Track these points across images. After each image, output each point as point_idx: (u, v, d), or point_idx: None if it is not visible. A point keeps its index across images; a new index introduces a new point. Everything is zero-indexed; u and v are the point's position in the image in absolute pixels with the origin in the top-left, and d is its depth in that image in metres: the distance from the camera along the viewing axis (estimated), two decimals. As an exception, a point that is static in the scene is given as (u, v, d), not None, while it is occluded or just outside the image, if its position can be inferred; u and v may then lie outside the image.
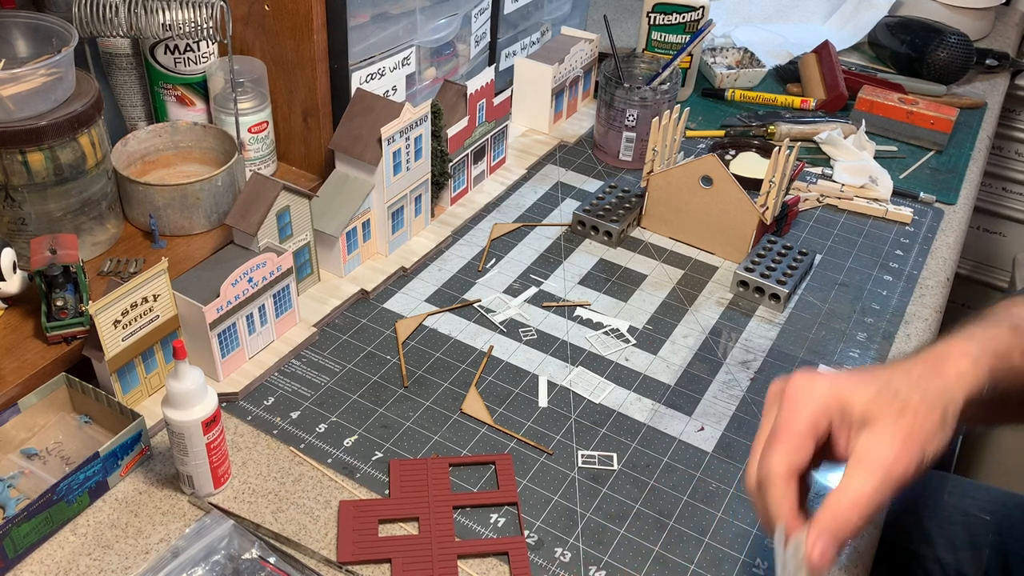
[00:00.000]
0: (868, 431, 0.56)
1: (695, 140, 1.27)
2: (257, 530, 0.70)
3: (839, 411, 0.57)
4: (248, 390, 0.82)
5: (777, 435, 0.57)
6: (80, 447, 0.75)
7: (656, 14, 1.30)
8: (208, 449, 0.69)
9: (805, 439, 0.56)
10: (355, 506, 0.72)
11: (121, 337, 0.74)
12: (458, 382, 0.85)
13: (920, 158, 1.26)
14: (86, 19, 0.87)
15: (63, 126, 0.81)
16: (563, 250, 1.04)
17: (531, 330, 0.92)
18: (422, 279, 0.98)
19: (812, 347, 0.92)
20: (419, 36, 1.09)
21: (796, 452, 0.56)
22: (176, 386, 0.67)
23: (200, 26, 0.89)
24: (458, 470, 0.76)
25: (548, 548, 0.71)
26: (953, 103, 1.37)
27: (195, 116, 1.02)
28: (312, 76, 0.98)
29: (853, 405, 0.57)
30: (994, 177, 1.89)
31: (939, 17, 1.53)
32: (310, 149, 1.05)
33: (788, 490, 0.56)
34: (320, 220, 0.91)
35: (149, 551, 0.69)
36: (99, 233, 0.90)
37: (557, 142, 1.23)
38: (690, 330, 0.93)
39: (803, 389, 0.57)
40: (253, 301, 0.81)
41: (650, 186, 1.05)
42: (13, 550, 0.66)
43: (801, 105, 1.34)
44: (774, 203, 0.99)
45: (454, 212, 1.07)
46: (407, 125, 0.92)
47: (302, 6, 0.94)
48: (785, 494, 0.56)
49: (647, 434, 0.81)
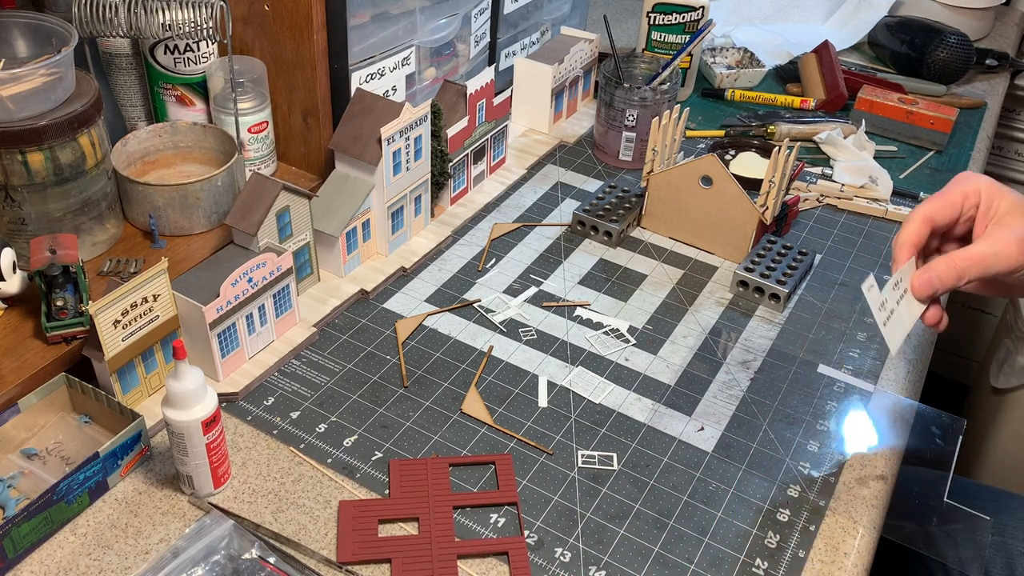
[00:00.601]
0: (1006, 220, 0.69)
1: (695, 140, 1.27)
2: (257, 530, 0.70)
3: (988, 199, 0.70)
4: (248, 390, 0.82)
5: (934, 196, 0.71)
6: (80, 447, 0.75)
7: (656, 14, 1.30)
8: (208, 449, 0.69)
9: (953, 202, 0.70)
10: (355, 506, 0.72)
11: (121, 337, 0.74)
12: (458, 382, 0.85)
13: (920, 158, 1.26)
14: (86, 19, 0.87)
15: (63, 126, 0.81)
16: (563, 250, 1.04)
17: (531, 330, 0.92)
18: (422, 279, 0.98)
19: (812, 347, 0.92)
20: (419, 36, 1.09)
21: (941, 207, 0.70)
22: (176, 386, 0.67)
23: (200, 26, 0.89)
24: (458, 470, 0.76)
25: (548, 548, 0.71)
26: (953, 103, 1.37)
27: (195, 116, 1.02)
28: (312, 76, 0.98)
29: (1002, 201, 0.70)
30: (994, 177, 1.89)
31: (939, 17, 1.53)
32: (310, 149, 1.05)
33: (919, 229, 0.70)
34: (320, 220, 0.91)
35: (149, 551, 0.69)
36: (99, 233, 0.90)
37: (557, 142, 1.23)
38: (690, 330, 0.93)
39: (969, 175, 0.72)
40: (253, 301, 0.81)
41: (650, 186, 1.05)
42: (13, 550, 0.66)
43: (801, 105, 1.34)
44: (774, 203, 0.99)
45: (454, 212, 1.07)
46: (407, 125, 0.92)
47: (302, 6, 0.94)
48: (914, 231, 0.70)
49: (647, 434, 0.81)
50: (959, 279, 0.68)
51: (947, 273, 0.68)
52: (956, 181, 0.72)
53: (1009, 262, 0.68)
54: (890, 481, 0.79)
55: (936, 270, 0.68)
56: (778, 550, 0.72)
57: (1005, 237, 0.68)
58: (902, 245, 0.70)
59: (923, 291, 0.68)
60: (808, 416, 0.84)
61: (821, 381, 0.88)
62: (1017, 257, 0.68)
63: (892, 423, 0.84)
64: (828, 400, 0.86)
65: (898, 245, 0.70)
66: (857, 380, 0.88)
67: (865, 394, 0.87)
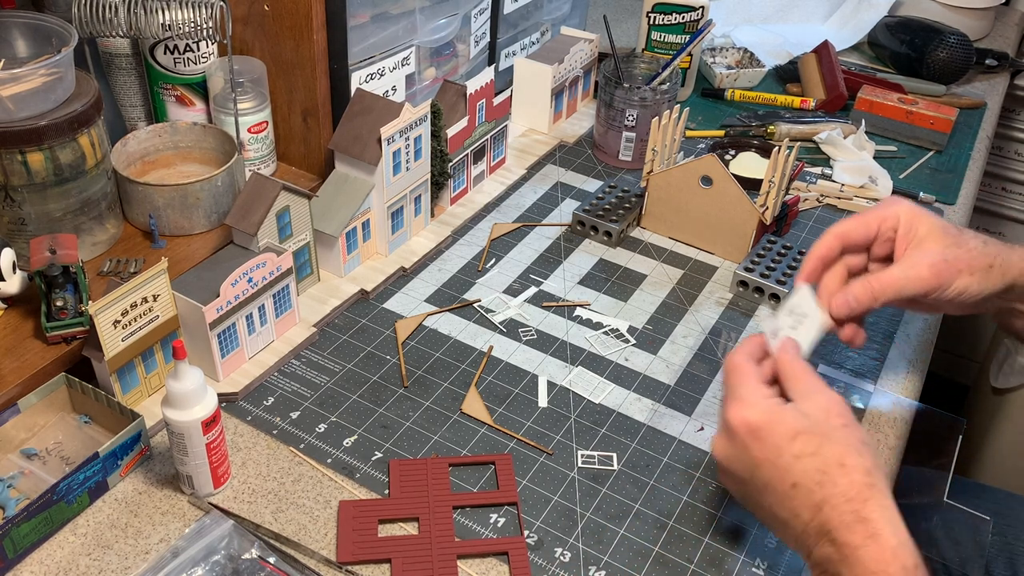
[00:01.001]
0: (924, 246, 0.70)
1: (695, 140, 1.27)
2: (257, 530, 0.70)
3: (907, 223, 0.71)
4: (248, 390, 0.82)
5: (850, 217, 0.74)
6: (80, 447, 0.75)
7: (656, 14, 1.30)
8: (208, 449, 0.69)
9: (868, 223, 0.72)
10: (355, 506, 0.72)
11: (121, 337, 0.74)
12: (458, 382, 0.85)
13: (920, 158, 1.26)
14: (86, 19, 0.87)
15: (63, 126, 0.81)
16: (563, 250, 1.04)
17: (531, 330, 0.92)
18: (422, 279, 0.98)
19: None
20: (419, 36, 1.09)
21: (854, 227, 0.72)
22: (176, 386, 0.67)
23: (200, 26, 0.89)
24: (458, 470, 0.76)
25: (548, 548, 0.71)
26: (953, 103, 1.37)
27: (195, 116, 1.02)
28: (312, 76, 0.98)
29: (921, 225, 0.71)
30: (994, 177, 1.89)
31: (939, 17, 1.53)
32: (310, 149, 1.05)
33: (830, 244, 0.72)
34: (320, 220, 0.91)
35: (149, 551, 0.69)
36: (99, 233, 0.90)
37: (557, 142, 1.23)
38: (690, 330, 0.93)
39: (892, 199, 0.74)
40: (253, 301, 0.81)
41: (650, 186, 1.05)
42: (13, 550, 0.66)
43: (801, 105, 1.34)
44: (774, 203, 0.99)
45: (454, 212, 1.07)
46: (407, 125, 0.92)
47: (302, 6, 0.94)
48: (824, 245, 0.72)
49: (647, 434, 0.81)
50: (874, 300, 0.71)
51: (863, 295, 0.71)
52: (878, 205, 0.75)
53: (922, 284, 0.70)
54: (891, 480, 0.79)
55: (853, 291, 0.72)
56: (778, 550, 0.72)
57: (920, 261, 0.71)
58: (810, 257, 0.74)
59: (840, 311, 0.71)
60: (808, 416, 0.84)
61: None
62: (929, 280, 0.70)
63: (892, 423, 0.84)
64: (828, 400, 0.86)
65: (807, 257, 0.74)
66: (857, 380, 0.88)
67: (865, 394, 0.87)
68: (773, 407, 0.63)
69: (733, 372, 0.66)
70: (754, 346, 0.69)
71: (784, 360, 0.67)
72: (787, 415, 0.62)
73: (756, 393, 0.64)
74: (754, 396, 0.63)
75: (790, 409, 0.62)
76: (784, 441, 0.61)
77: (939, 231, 0.72)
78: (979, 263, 0.71)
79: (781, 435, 0.61)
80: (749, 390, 0.64)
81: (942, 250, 0.71)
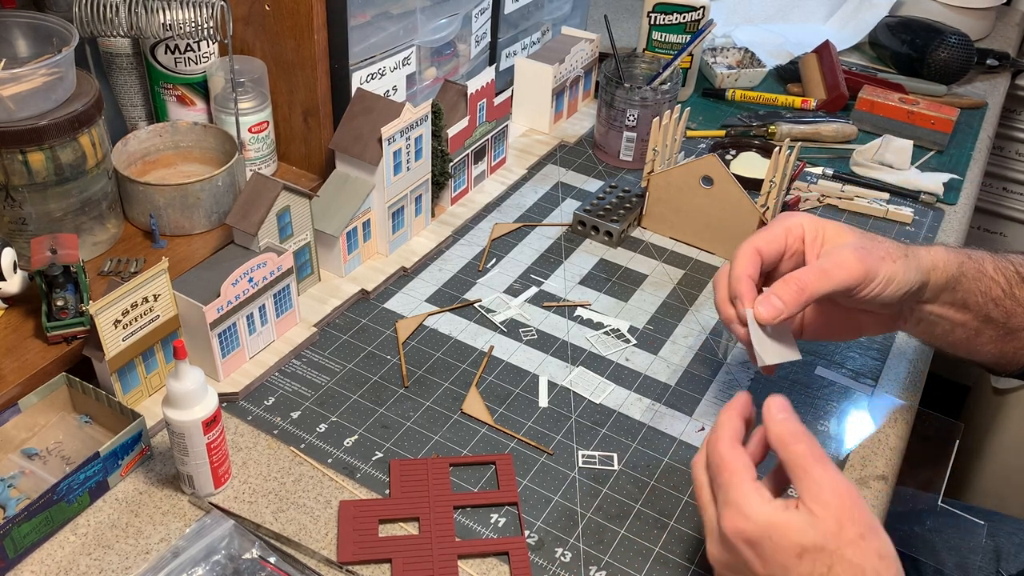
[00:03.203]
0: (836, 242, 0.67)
1: (696, 140, 1.27)
2: (257, 530, 0.70)
3: (812, 231, 0.68)
4: (248, 390, 0.82)
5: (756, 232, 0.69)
6: (80, 447, 0.75)
7: (656, 14, 1.30)
8: (208, 449, 0.69)
9: (777, 235, 0.68)
10: (355, 506, 0.72)
11: (121, 337, 0.74)
12: (458, 382, 0.85)
13: (920, 158, 1.26)
14: (86, 19, 0.87)
15: (63, 126, 0.81)
16: (563, 250, 1.03)
17: (531, 330, 0.92)
18: (422, 279, 0.98)
19: (812, 347, 0.92)
20: (419, 36, 1.09)
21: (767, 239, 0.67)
22: (176, 386, 0.67)
23: (200, 26, 0.89)
24: (458, 470, 0.76)
25: (548, 548, 0.71)
26: (954, 103, 1.37)
27: (195, 116, 1.02)
28: (312, 76, 0.98)
29: (826, 228, 0.68)
30: (995, 177, 1.89)
31: (940, 17, 1.53)
32: (310, 149, 1.05)
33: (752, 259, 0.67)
34: (320, 220, 0.91)
35: (149, 551, 0.69)
36: (99, 233, 0.90)
37: (557, 142, 1.23)
38: (690, 330, 0.93)
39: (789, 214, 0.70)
40: (253, 301, 0.81)
41: (650, 186, 1.05)
42: (13, 550, 0.66)
43: (802, 105, 1.34)
44: (775, 203, 0.99)
45: (454, 212, 1.07)
46: (407, 125, 0.92)
47: (302, 6, 0.94)
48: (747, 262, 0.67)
49: (647, 434, 0.81)
50: (801, 293, 0.64)
51: (788, 293, 0.64)
52: (777, 219, 0.70)
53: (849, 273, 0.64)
54: (891, 481, 0.79)
55: (776, 292, 0.65)
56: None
57: (842, 251, 0.65)
58: (738, 279, 0.67)
59: (769, 315, 0.64)
60: (808, 416, 0.84)
61: (821, 382, 0.88)
62: (856, 267, 0.65)
63: (893, 423, 0.84)
64: (828, 400, 0.86)
65: (735, 280, 0.67)
66: (857, 381, 0.88)
67: (865, 394, 0.87)
68: (774, 519, 0.55)
69: (721, 468, 0.58)
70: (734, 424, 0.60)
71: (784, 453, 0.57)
72: (791, 526, 0.54)
73: (751, 499, 0.56)
74: (749, 503, 0.55)
75: (795, 517, 0.54)
76: (789, 559, 0.54)
77: (846, 230, 0.68)
78: (896, 252, 0.67)
79: (785, 551, 0.54)
80: (742, 494, 0.56)
81: (857, 240, 0.67)
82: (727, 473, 0.57)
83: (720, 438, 0.59)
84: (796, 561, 0.53)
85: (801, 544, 0.53)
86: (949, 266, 0.70)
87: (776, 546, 0.54)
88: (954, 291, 0.71)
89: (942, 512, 0.93)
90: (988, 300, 0.72)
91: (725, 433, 0.59)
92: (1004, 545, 0.97)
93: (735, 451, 0.58)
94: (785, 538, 0.54)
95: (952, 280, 0.70)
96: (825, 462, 0.56)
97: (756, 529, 0.55)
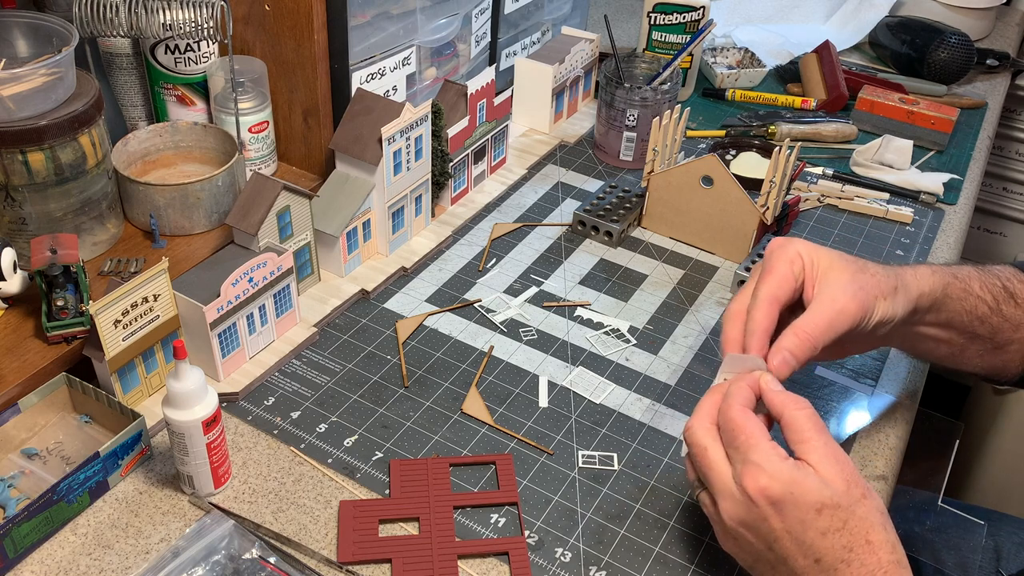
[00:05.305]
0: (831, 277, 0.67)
1: (696, 140, 1.27)
2: (257, 530, 0.70)
3: (809, 260, 0.68)
4: (248, 390, 0.82)
5: (765, 273, 0.68)
6: (80, 447, 0.75)
7: (656, 14, 1.30)
8: (208, 449, 0.69)
9: (786, 275, 0.67)
10: (355, 506, 0.72)
11: (121, 337, 0.74)
12: (458, 382, 0.85)
13: (920, 158, 1.26)
14: (86, 19, 0.87)
15: (63, 126, 0.81)
16: (563, 250, 1.03)
17: (531, 330, 0.92)
18: (422, 279, 0.98)
19: (812, 347, 0.92)
20: (419, 36, 1.09)
21: (780, 285, 0.67)
22: (176, 386, 0.67)
23: (200, 26, 0.89)
24: (458, 470, 0.76)
25: (548, 548, 0.71)
26: (954, 103, 1.37)
27: (195, 116, 1.02)
28: (312, 76, 0.98)
29: (820, 258, 0.68)
30: (994, 177, 1.89)
31: (940, 17, 1.53)
32: (310, 149, 1.05)
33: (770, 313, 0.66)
34: (320, 220, 0.91)
35: (149, 551, 0.69)
36: (99, 233, 0.90)
37: (557, 142, 1.23)
38: (690, 330, 0.93)
39: (780, 241, 0.69)
40: (253, 301, 0.81)
41: (650, 186, 1.05)
42: (13, 550, 0.66)
43: (802, 105, 1.34)
44: (775, 203, 0.99)
45: (454, 212, 1.07)
46: (407, 125, 0.92)
47: (302, 6, 0.94)
48: (765, 315, 0.66)
49: (647, 434, 0.81)
50: (814, 349, 0.65)
51: (800, 348, 0.65)
52: (773, 252, 0.69)
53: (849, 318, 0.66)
54: (891, 481, 0.79)
55: (788, 348, 0.65)
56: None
57: (840, 295, 0.66)
58: (754, 333, 0.66)
59: (783, 372, 0.65)
60: (809, 416, 0.84)
61: (821, 382, 0.88)
62: (856, 311, 0.66)
63: (893, 423, 0.84)
64: (828, 400, 0.86)
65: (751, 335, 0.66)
66: (857, 381, 0.88)
67: (865, 395, 0.87)
68: (795, 476, 0.57)
69: (737, 432, 0.60)
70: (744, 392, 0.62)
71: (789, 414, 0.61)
72: (810, 485, 0.57)
73: (772, 458, 0.58)
74: (771, 462, 0.58)
75: (812, 478, 0.57)
76: (809, 515, 0.57)
77: (839, 260, 0.68)
78: (887, 286, 0.68)
79: (805, 508, 0.57)
80: (763, 454, 0.58)
81: (852, 278, 0.67)
82: (744, 435, 0.59)
83: (732, 405, 0.61)
84: (815, 516, 0.57)
85: (820, 500, 0.57)
86: (935, 289, 0.71)
87: (797, 502, 0.57)
88: (938, 312, 0.72)
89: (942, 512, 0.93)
90: (974, 319, 0.73)
91: (736, 400, 0.62)
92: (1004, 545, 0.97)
93: (748, 415, 0.61)
94: (806, 495, 0.57)
95: (937, 303, 0.72)
96: (826, 435, 0.60)
97: (779, 486, 0.57)
